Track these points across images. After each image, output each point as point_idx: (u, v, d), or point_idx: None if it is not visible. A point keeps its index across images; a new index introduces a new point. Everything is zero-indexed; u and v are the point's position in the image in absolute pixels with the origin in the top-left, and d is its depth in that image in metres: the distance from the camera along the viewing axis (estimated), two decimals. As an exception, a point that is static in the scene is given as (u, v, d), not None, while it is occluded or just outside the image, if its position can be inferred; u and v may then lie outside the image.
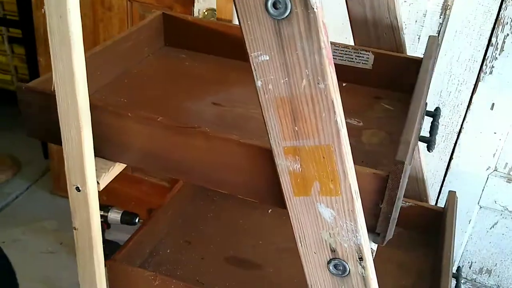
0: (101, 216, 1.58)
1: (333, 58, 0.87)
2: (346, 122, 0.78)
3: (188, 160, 0.63)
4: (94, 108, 0.62)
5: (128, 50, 0.88)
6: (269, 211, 1.01)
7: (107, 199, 1.83)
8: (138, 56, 0.91)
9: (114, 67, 0.85)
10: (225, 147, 0.60)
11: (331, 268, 0.57)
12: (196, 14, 1.32)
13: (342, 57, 0.86)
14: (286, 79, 0.49)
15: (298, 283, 0.86)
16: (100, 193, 0.67)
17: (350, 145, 0.52)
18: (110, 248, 1.67)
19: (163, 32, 0.97)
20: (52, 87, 0.58)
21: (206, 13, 1.31)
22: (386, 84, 0.84)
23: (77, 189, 0.64)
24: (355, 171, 0.53)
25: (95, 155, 0.66)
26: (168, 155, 0.64)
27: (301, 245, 0.57)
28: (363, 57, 0.85)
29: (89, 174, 0.63)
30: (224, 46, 0.94)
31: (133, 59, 0.89)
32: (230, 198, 1.03)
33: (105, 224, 1.60)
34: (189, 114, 0.77)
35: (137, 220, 1.59)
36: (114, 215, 1.59)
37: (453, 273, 0.86)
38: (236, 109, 0.79)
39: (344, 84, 0.87)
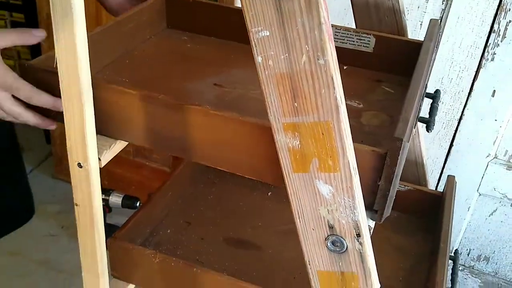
0: (103, 200, 1.60)
1: (334, 41, 0.87)
2: (346, 103, 0.79)
3: (188, 137, 0.63)
4: (96, 85, 0.62)
5: (129, 31, 0.88)
6: (269, 193, 1.02)
7: (108, 183, 1.85)
8: (140, 38, 0.91)
9: (116, 48, 0.85)
10: (225, 124, 0.61)
11: (329, 244, 0.58)
12: (198, -2, 1.32)
13: (343, 39, 0.86)
14: (286, 54, 0.50)
15: (298, 264, 0.87)
16: (102, 177, 0.67)
17: (350, 126, 0.53)
18: (111, 231, 1.68)
19: (165, 14, 0.97)
20: (54, 63, 0.58)
21: (208, -3, 1.31)
22: (387, 67, 0.85)
23: (79, 165, 0.64)
24: (354, 148, 0.53)
25: (97, 133, 0.67)
26: (168, 132, 0.64)
27: (299, 221, 0.57)
28: (364, 40, 0.85)
29: (91, 151, 0.63)
30: (226, 29, 0.94)
31: (134, 40, 0.90)
32: (231, 181, 1.04)
33: (107, 207, 1.61)
34: (190, 94, 0.78)
35: (138, 204, 1.61)
36: (115, 199, 1.60)
37: (451, 255, 0.86)
38: (237, 90, 0.80)
39: (345, 67, 0.87)
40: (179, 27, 0.98)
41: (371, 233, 0.58)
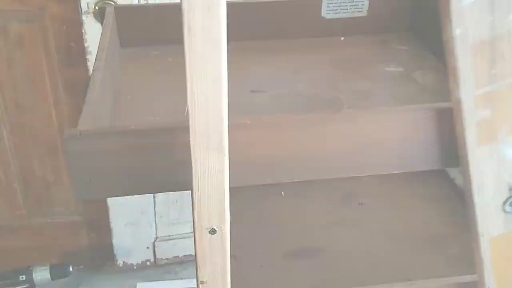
0: (24, 281, 1.29)
1: (327, 13, 0.82)
2: (389, 70, 0.76)
3: (328, 151, 0.54)
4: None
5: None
6: (282, 193, 0.94)
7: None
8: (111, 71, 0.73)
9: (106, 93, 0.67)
10: (374, 122, 0.53)
11: (506, 207, 0.56)
12: (84, 9, 1.11)
13: (336, 10, 0.82)
14: (491, 18, 0.45)
15: (379, 251, 0.82)
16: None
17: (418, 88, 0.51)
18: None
19: (117, 31, 0.79)
20: (186, 111, 0.43)
21: (97, 6, 1.11)
22: (386, 27, 0.83)
23: (213, 231, 0.50)
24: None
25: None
26: (298, 154, 0.54)
27: (477, 195, 0.54)
28: (357, 5, 0.82)
29: (227, 210, 0.49)
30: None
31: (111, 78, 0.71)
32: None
33: (30, 290, 1.31)
34: (243, 109, 0.66)
35: (70, 269, 1.34)
36: (42, 274, 1.32)
37: None
38: (283, 90, 0.71)
39: (342, 38, 0.83)
40: (135, 43, 0.81)
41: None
